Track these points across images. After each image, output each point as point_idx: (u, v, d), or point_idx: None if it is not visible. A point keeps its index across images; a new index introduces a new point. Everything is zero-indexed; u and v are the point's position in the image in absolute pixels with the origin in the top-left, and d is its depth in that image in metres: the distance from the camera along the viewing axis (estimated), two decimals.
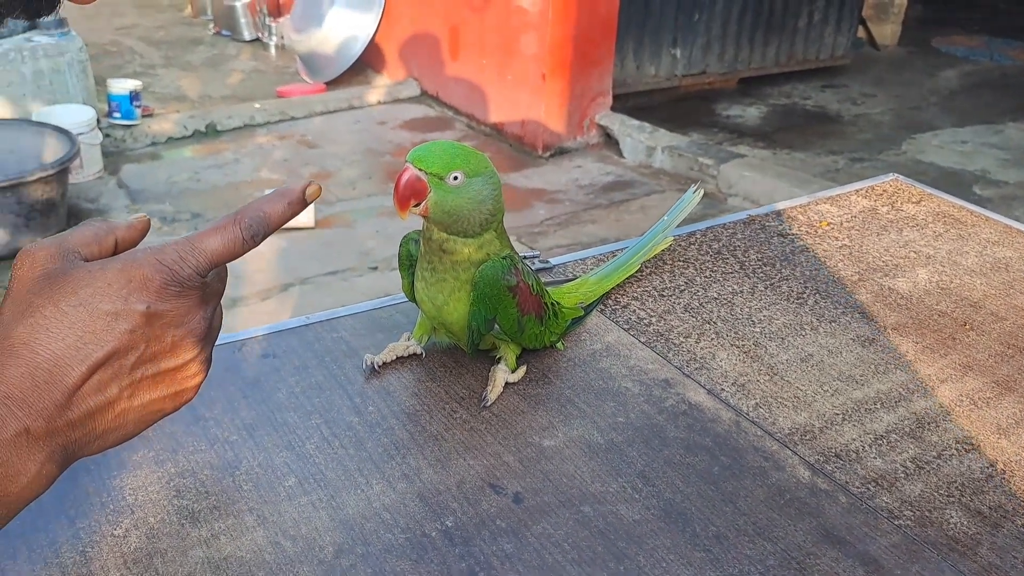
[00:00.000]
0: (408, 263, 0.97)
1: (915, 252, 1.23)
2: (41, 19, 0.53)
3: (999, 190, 4.24)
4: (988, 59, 6.19)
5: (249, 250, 0.58)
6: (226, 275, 0.61)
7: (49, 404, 0.51)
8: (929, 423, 0.91)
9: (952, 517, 0.79)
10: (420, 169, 0.84)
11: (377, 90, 5.09)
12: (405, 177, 0.85)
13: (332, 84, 5.19)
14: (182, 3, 6.70)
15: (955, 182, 4.31)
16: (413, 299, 0.97)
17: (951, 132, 4.93)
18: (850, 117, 5.15)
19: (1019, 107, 5.28)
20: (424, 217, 0.87)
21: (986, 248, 1.25)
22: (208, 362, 0.59)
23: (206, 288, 0.57)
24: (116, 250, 0.59)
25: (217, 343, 0.98)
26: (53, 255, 0.55)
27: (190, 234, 0.57)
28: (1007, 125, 5.03)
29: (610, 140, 4.55)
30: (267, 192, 0.60)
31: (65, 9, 4.57)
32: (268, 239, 0.61)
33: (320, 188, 0.61)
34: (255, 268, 3.26)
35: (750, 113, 5.17)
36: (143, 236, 0.61)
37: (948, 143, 4.79)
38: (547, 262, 1.19)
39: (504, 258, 0.90)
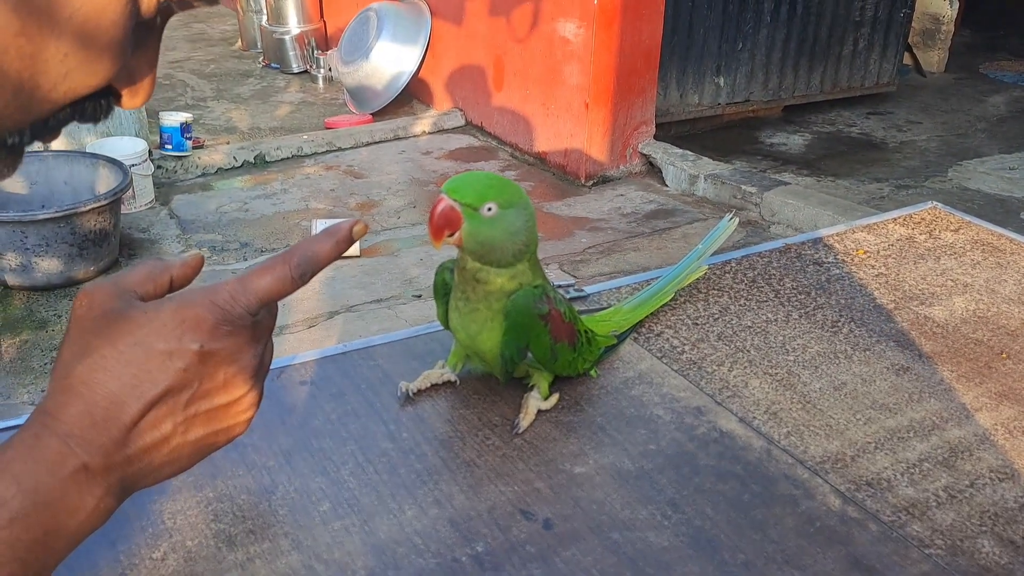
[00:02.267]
0: (443, 292, 0.99)
1: (952, 280, 1.23)
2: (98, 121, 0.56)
3: None
4: None
5: (298, 288, 0.60)
6: (276, 312, 0.62)
7: (107, 441, 0.53)
8: (963, 452, 0.90)
9: (984, 547, 0.79)
10: (455, 200, 0.87)
11: (422, 121, 5.15)
12: (440, 207, 0.87)
13: (378, 115, 5.27)
14: (233, 37, 6.86)
15: (1002, 209, 4.25)
16: (448, 327, 0.99)
17: (998, 159, 4.86)
18: (895, 144, 5.10)
19: None
20: (458, 247, 0.89)
21: None
22: (259, 398, 0.60)
23: (257, 326, 0.59)
24: (171, 288, 0.61)
25: None
26: (111, 295, 0.57)
27: (241, 274, 0.59)
28: None
29: (653, 168, 4.56)
30: (315, 223, 0.62)
31: None
32: None
33: (367, 226, 0.63)
34: (302, 296, 3.31)
35: (794, 141, 5.15)
36: (196, 274, 0.63)
37: (995, 169, 4.72)
38: (582, 291, 1.20)
39: (536, 287, 0.91)
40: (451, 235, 0.87)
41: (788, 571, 0.76)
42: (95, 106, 0.53)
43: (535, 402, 0.96)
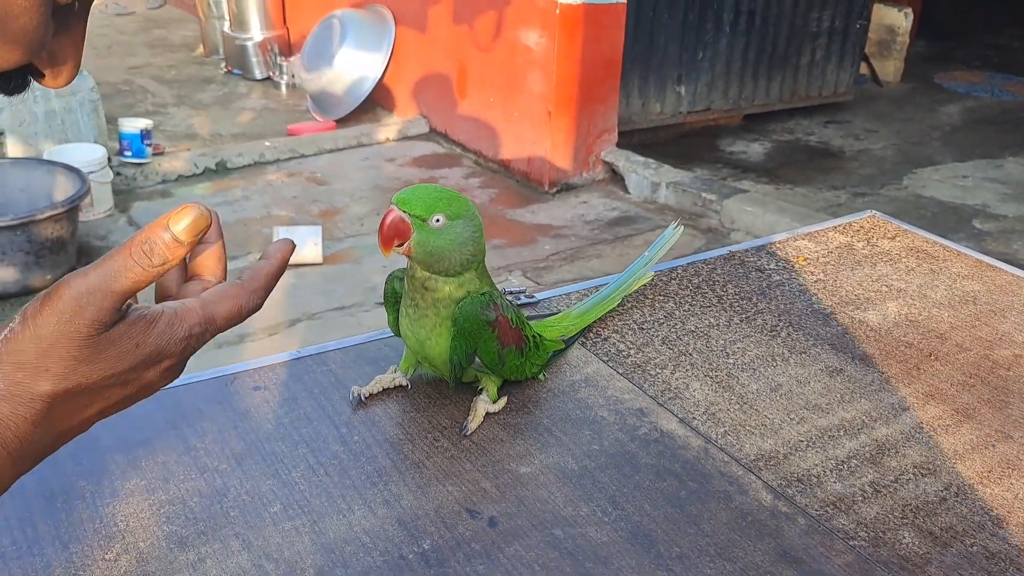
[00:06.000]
0: (393, 299, 1.02)
1: (887, 286, 1.28)
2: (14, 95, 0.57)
3: (998, 224, 4.28)
4: (989, 95, 6.24)
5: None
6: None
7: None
8: (889, 449, 0.94)
9: (905, 538, 0.83)
10: (404, 211, 0.90)
11: (386, 128, 5.17)
12: (389, 218, 0.90)
13: (342, 122, 5.28)
14: (194, 43, 6.83)
15: (955, 216, 4.35)
16: (398, 334, 1.02)
17: (952, 167, 4.98)
18: (852, 152, 5.20)
19: (1019, 142, 5.32)
20: (407, 256, 0.92)
21: (956, 282, 1.29)
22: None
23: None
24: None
25: (210, 376, 1.04)
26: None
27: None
28: (1007, 160, 5.07)
29: (615, 176, 4.61)
30: (277, 231, 0.63)
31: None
32: None
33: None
34: (264, 305, 3.31)
35: (754, 149, 5.23)
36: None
37: (949, 178, 4.83)
38: (532, 296, 1.24)
39: (483, 294, 0.94)
40: (400, 245, 0.90)
41: (720, 563, 0.79)
42: (9, 82, 0.55)
43: (483, 405, 0.99)
